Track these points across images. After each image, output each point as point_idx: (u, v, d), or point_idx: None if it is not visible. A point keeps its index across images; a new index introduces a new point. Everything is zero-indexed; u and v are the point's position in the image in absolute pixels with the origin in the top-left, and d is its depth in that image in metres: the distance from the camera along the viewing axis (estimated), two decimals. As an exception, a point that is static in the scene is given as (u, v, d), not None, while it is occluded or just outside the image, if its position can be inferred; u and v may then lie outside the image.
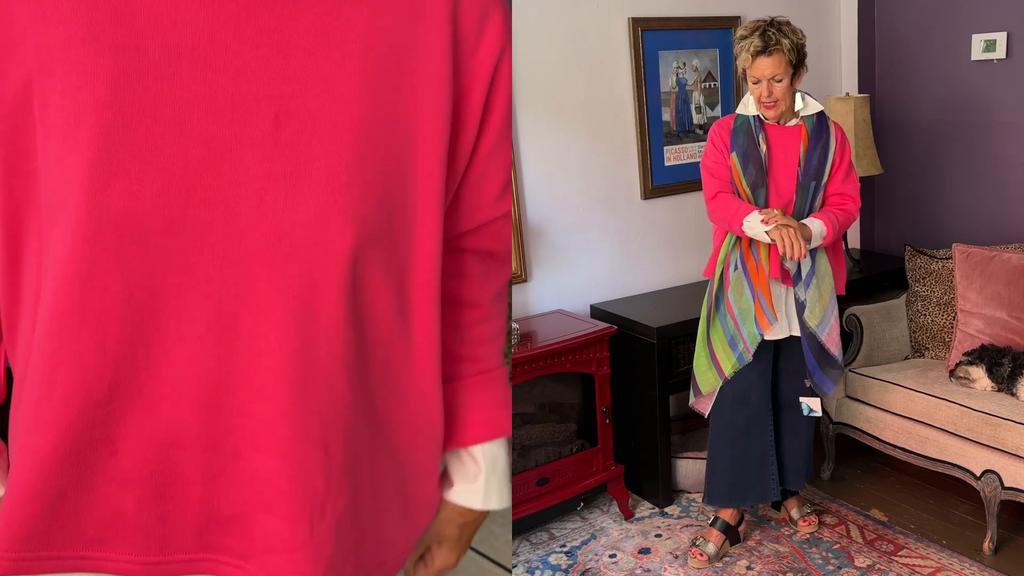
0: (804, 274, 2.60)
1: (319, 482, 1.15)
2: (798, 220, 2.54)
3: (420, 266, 1.20)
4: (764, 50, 2.45)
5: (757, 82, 2.50)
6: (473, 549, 2.39)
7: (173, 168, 1.01)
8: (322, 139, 1.05)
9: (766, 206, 2.57)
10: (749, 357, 2.62)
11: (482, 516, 1.36)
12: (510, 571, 2.33)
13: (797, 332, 2.66)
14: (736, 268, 2.62)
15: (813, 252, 2.59)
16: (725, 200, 2.59)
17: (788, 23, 2.51)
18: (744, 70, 2.53)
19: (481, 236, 1.30)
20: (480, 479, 1.32)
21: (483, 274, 1.34)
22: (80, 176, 1.00)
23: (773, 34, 2.46)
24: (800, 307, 2.62)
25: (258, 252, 1.05)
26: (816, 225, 2.53)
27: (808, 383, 2.72)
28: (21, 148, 1.05)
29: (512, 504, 2.64)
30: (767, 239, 2.49)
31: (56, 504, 1.11)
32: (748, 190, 2.57)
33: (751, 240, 2.58)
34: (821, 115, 2.61)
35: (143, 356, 1.06)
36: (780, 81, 2.49)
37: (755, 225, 2.51)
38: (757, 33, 2.47)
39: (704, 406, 2.81)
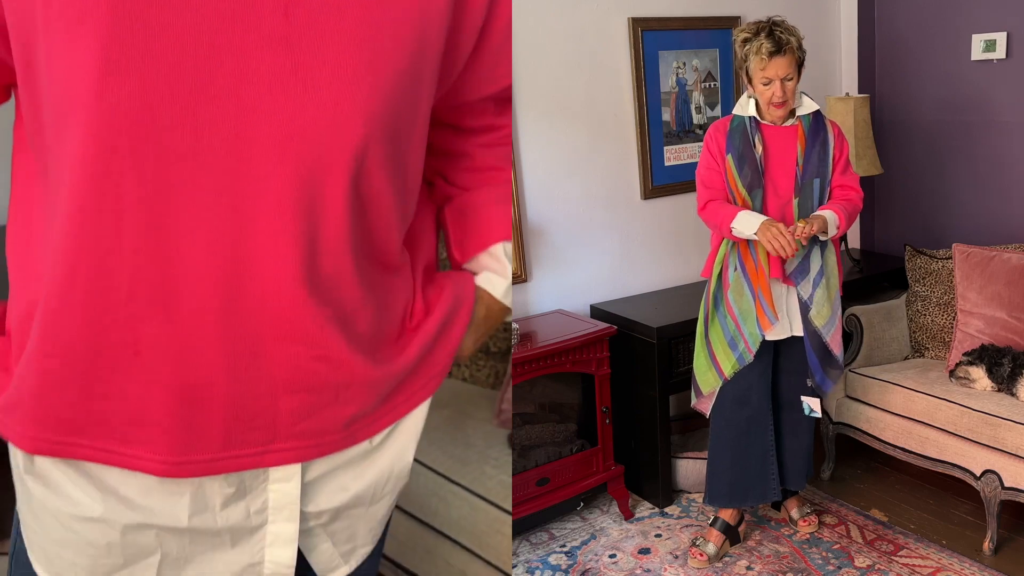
0: (813, 274, 2.59)
1: (343, 356, 1.20)
2: (808, 215, 2.54)
3: (415, 156, 1.25)
4: (778, 50, 2.44)
5: (768, 83, 2.49)
6: (469, 491, 2.40)
7: (182, 63, 1.00)
8: (332, 33, 1.05)
9: (763, 207, 2.57)
10: (750, 357, 2.62)
11: (501, 312, 1.46)
12: (509, 512, 2.35)
13: (798, 332, 2.66)
14: (736, 269, 2.62)
15: (822, 248, 2.59)
16: (714, 208, 2.60)
17: (785, 21, 2.51)
18: (751, 73, 2.51)
19: (504, 97, 1.38)
20: (507, 272, 1.44)
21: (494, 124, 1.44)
22: (88, 74, 0.99)
23: (781, 33, 2.46)
24: (804, 307, 2.62)
25: (268, 147, 1.05)
26: (829, 215, 2.52)
27: (810, 383, 2.72)
28: (28, 44, 1.05)
29: (512, 504, 2.64)
30: (755, 238, 2.49)
31: (85, 395, 1.13)
32: (744, 192, 2.57)
33: (749, 241, 2.58)
34: (817, 114, 2.60)
35: (160, 252, 1.07)
36: (791, 80, 2.49)
37: (744, 229, 2.51)
38: (764, 34, 2.46)
39: (706, 407, 2.81)
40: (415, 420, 1.41)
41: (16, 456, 1.22)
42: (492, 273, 1.45)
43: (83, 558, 1.23)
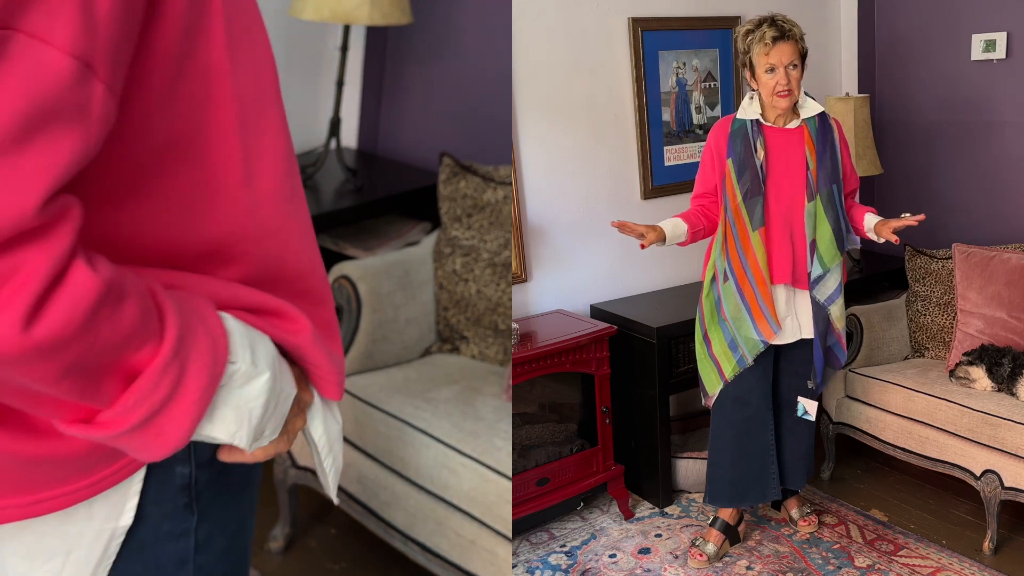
0: (833, 279, 2.59)
1: None
2: (835, 227, 2.54)
3: None
4: (782, 36, 2.45)
5: (772, 70, 2.47)
6: (479, 462, 2.40)
7: None
8: None
9: (763, 215, 2.54)
10: (749, 361, 2.62)
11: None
12: (510, 478, 2.36)
13: (808, 335, 2.64)
14: (726, 279, 2.60)
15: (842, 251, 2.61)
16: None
17: (786, 16, 2.53)
18: (754, 63, 2.50)
19: None
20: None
21: None
22: None
23: (783, 23, 2.48)
24: (820, 309, 2.59)
25: None
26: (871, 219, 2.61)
27: (811, 384, 2.71)
28: None
29: (512, 504, 2.64)
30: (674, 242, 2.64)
31: None
32: (740, 199, 2.54)
33: (739, 248, 2.56)
34: (823, 116, 2.59)
35: None
36: (796, 68, 2.48)
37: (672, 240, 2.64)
38: (766, 24, 2.48)
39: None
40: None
41: None
42: None
43: None
